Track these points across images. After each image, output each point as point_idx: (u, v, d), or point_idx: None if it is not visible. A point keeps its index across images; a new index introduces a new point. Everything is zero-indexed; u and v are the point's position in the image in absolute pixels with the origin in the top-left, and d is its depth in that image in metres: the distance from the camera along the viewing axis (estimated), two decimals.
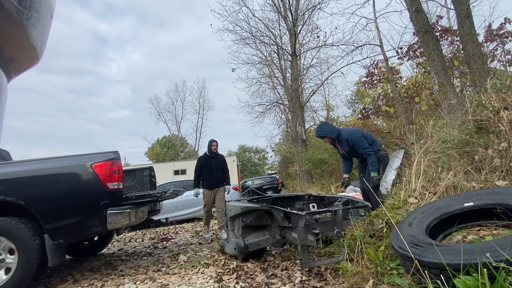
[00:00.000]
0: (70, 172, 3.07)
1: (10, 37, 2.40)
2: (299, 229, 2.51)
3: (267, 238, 3.19)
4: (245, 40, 13.54)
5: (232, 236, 3.38)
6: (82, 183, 3.03)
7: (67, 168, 3.10)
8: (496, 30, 7.79)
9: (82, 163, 3.07)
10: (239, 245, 3.15)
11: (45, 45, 3.45)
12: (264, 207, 3.04)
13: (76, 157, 3.19)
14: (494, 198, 1.92)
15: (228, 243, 3.44)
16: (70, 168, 3.08)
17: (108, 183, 3.03)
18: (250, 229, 3.27)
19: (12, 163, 3.48)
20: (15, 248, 2.76)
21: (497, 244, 1.38)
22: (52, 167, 3.11)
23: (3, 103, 3.24)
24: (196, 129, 34.55)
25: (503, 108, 2.93)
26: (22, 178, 2.99)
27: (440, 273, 1.43)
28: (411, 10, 5.25)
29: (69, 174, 3.07)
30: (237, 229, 3.32)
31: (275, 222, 3.01)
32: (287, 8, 12.51)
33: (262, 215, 3.16)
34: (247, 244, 3.14)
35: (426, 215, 2.05)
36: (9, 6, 2.05)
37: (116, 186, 3.08)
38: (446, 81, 4.77)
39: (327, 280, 2.32)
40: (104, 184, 3.01)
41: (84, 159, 3.11)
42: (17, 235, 2.76)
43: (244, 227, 3.24)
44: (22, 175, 3.01)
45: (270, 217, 3.07)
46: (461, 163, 2.98)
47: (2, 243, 2.80)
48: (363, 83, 11.02)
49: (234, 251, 3.25)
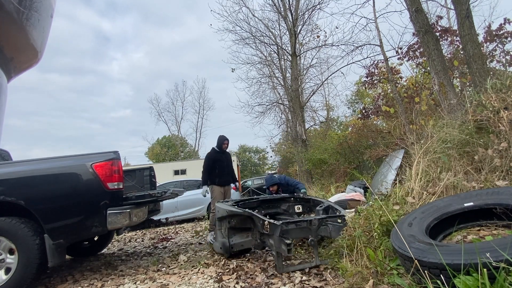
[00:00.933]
0: (70, 172, 3.07)
1: (10, 37, 2.40)
2: (274, 237, 2.66)
3: (250, 240, 3.32)
4: (245, 40, 13.55)
5: (219, 236, 3.54)
6: (82, 183, 3.03)
7: (67, 168, 3.10)
8: (495, 31, 7.78)
9: (82, 163, 3.07)
10: (225, 245, 3.36)
11: (45, 45, 3.45)
12: (246, 213, 3.13)
13: (76, 157, 3.19)
14: (494, 198, 1.93)
15: (216, 242, 3.65)
16: (70, 168, 3.08)
17: (108, 183, 3.02)
18: (236, 230, 3.43)
19: (12, 163, 3.48)
20: (15, 248, 2.75)
21: (497, 244, 1.38)
22: (52, 167, 3.11)
23: (3, 103, 3.24)
24: (196, 129, 34.58)
25: (503, 108, 2.93)
26: (22, 178, 2.99)
27: (440, 273, 1.43)
28: (411, 10, 5.25)
29: (69, 174, 3.07)
30: (224, 229, 3.45)
31: (256, 227, 3.12)
32: (287, 8, 12.51)
33: (245, 219, 3.26)
34: (231, 244, 3.33)
35: (426, 215, 2.05)
36: (9, 6, 2.05)
37: (116, 186, 3.07)
38: (446, 81, 4.77)
39: (327, 280, 2.32)
40: (104, 184, 3.01)
41: (84, 159, 3.11)
42: (17, 235, 2.76)
43: (230, 228, 3.39)
44: (22, 175, 3.01)
45: (252, 221, 3.16)
46: (461, 163, 2.98)
47: (2, 243, 2.80)
48: (363, 83, 11.02)
49: (220, 250, 3.49)
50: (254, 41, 13.52)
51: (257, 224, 3.01)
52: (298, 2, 12.61)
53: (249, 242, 3.31)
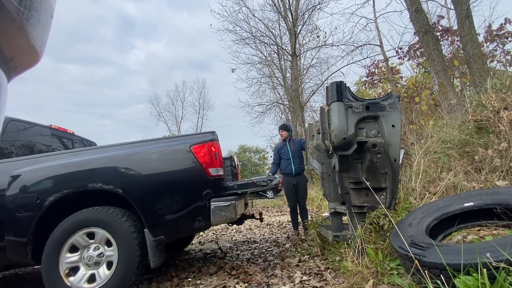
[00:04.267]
0: (169, 156, 2.57)
1: (10, 37, 2.40)
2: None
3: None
4: (245, 40, 13.57)
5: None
6: (182, 169, 2.53)
7: (166, 151, 2.59)
8: (496, 31, 7.78)
9: (180, 146, 2.58)
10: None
11: (45, 45, 3.46)
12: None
13: (173, 139, 2.76)
14: (494, 198, 1.93)
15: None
16: (168, 152, 2.59)
17: (209, 169, 2.51)
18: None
19: (107, 147, 2.87)
20: (113, 239, 2.36)
21: (497, 244, 1.38)
22: (150, 151, 2.62)
23: (3, 103, 3.24)
24: (196, 129, 34.57)
25: (503, 108, 2.93)
26: (118, 164, 2.54)
27: (440, 273, 1.43)
28: (411, 10, 5.26)
29: (168, 159, 2.57)
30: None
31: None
32: (287, 8, 12.52)
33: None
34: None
35: (426, 215, 2.05)
36: (9, 6, 2.04)
37: (217, 173, 2.56)
38: (446, 81, 4.77)
39: (327, 280, 2.32)
40: (206, 170, 2.50)
41: (182, 140, 2.64)
42: (115, 226, 2.38)
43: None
44: (118, 160, 2.56)
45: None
46: (461, 163, 2.98)
47: (98, 234, 2.40)
48: (363, 83, 11.02)
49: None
50: (254, 41, 13.56)
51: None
52: (298, 2, 12.62)
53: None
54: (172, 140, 2.73)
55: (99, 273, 2.36)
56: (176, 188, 2.52)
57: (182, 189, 2.52)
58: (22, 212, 2.45)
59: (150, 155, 2.59)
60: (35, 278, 3.49)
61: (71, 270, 2.36)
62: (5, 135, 3.15)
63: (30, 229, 2.41)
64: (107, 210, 2.43)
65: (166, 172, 2.53)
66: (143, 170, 2.53)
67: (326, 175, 3.25)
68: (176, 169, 2.54)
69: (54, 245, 2.36)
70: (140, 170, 2.52)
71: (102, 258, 2.39)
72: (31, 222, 2.42)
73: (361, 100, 2.59)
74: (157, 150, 2.61)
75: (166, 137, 2.80)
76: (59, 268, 2.33)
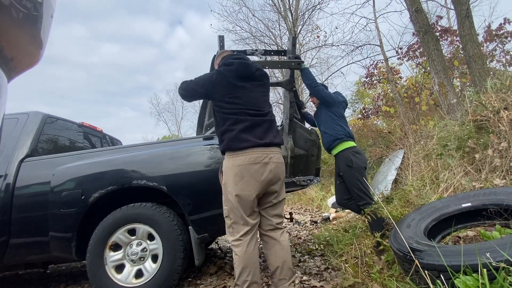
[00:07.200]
0: (214, 154, 2.55)
1: (10, 37, 2.40)
2: None
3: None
4: (245, 40, 13.55)
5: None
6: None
7: (211, 149, 2.58)
8: (495, 31, 7.78)
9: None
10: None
11: (45, 45, 3.45)
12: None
13: (211, 135, 2.75)
14: (491, 198, 1.93)
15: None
16: (213, 149, 2.57)
17: None
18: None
19: (151, 144, 2.91)
20: (155, 232, 2.38)
21: (497, 244, 1.38)
22: (194, 149, 2.62)
23: (3, 104, 3.23)
24: None
25: (503, 108, 2.93)
26: (163, 161, 2.55)
27: (439, 274, 1.43)
28: (411, 10, 5.26)
29: (213, 156, 2.54)
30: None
31: None
32: (287, 8, 12.51)
33: None
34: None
35: (424, 216, 2.05)
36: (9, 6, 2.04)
37: None
38: (446, 81, 4.77)
39: (327, 280, 2.33)
40: None
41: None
42: (159, 223, 2.39)
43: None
44: (164, 157, 2.57)
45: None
46: (461, 163, 2.99)
47: (139, 229, 2.41)
48: (363, 83, 11.02)
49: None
50: (254, 41, 13.54)
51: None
52: (298, 2, 12.62)
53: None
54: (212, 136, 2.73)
55: (145, 267, 2.36)
56: (220, 185, 2.49)
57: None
58: (67, 208, 2.44)
59: (195, 153, 2.59)
60: (35, 278, 3.49)
61: (117, 268, 2.36)
62: (44, 131, 3.01)
63: (75, 225, 2.41)
64: (151, 206, 2.44)
65: (211, 170, 2.52)
66: (187, 167, 2.53)
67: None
68: (218, 165, 2.51)
69: (99, 242, 2.36)
70: (185, 167, 2.53)
71: (146, 253, 2.40)
72: (76, 218, 2.42)
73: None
74: (202, 147, 2.62)
75: (211, 134, 2.77)
76: (105, 266, 2.33)
